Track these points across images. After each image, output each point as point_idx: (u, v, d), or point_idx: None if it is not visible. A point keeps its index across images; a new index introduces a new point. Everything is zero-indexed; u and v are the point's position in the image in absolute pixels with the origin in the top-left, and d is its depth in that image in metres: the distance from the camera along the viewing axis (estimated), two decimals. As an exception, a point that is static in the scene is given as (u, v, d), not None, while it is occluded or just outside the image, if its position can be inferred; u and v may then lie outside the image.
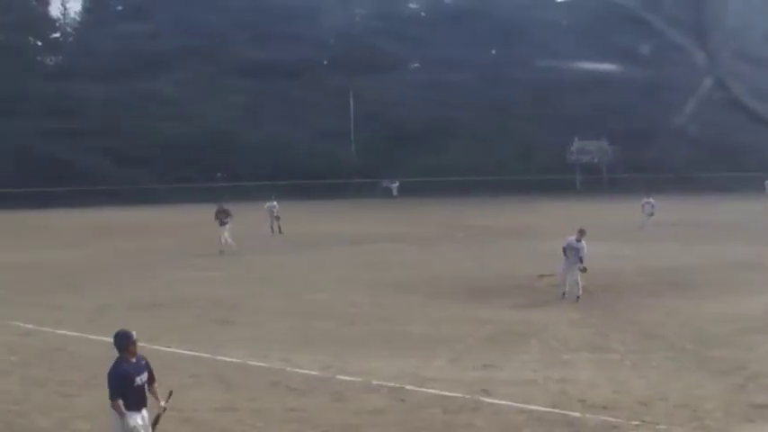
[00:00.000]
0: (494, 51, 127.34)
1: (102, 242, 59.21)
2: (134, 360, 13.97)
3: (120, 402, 13.55)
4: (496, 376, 20.38)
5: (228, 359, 22.62)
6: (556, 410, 15.34)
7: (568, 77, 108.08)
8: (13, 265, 45.43)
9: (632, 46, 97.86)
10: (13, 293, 35.71)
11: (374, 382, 19.93)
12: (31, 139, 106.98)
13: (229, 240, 50.76)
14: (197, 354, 23.26)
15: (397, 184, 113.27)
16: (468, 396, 18.60)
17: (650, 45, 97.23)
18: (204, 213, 58.07)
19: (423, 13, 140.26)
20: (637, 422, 16.89)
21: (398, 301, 31.95)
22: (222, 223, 51.68)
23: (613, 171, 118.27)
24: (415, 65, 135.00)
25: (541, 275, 35.15)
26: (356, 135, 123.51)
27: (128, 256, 49.86)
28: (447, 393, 18.89)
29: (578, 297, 31.57)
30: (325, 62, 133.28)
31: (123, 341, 14.04)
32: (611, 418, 17.10)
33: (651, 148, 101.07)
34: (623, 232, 57.02)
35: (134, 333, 14.15)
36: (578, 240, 32.31)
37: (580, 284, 31.87)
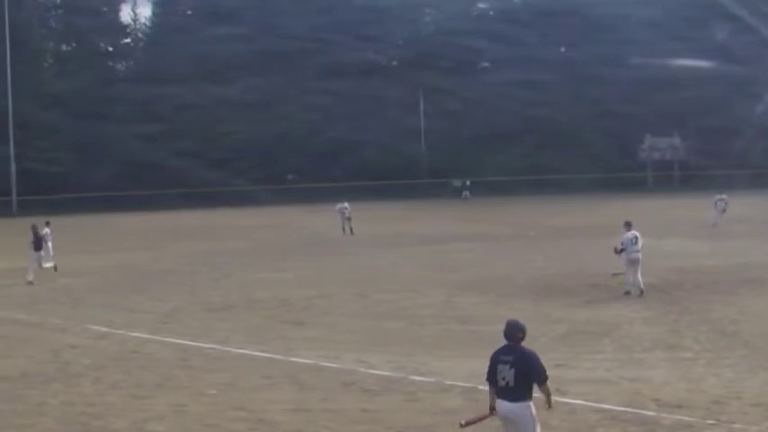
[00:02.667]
0: (575, 49, 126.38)
1: (176, 244, 59.76)
2: None
3: None
4: (570, 375, 20.19)
5: (301, 360, 22.62)
6: (630, 410, 15.16)
7: (655, 74, 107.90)
8: (88, 267, 45.93)
9: (725, 42, 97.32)
10: (88, 296, 36.08)
11: (447, 383, 19.84)
12: (115, 142, 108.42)
13: (45, 265, 43.30)
14: (270, 355, 23.30)
15: (468, 183, 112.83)
16: (541, 395, 18.46)
17: (742, 42, 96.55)
18: (276, 215, 58.28)
19: (491, 12, 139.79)
20: (711, 421, 16.65)
21: (470, 300, 31.82)
22: (38, 247, 42.98)
23: (686, 167, 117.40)
24: (485, 64, 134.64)
25: (614, 274, 34.82)
26: (427, 135, 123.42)
27: (201, 257, 50.16)
28: (519, 393, 18.75)
29: (642, 291, 31.45)
30: (395, 63, 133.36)
31: None
32: (685, 417, 16.87)
33: (731, 144, 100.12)
34: (696, 229, 56.49)
35: None
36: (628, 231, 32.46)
37: (641, 280, 31.68)
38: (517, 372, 13.17)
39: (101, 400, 19.37)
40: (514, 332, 13.46)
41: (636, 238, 32.32)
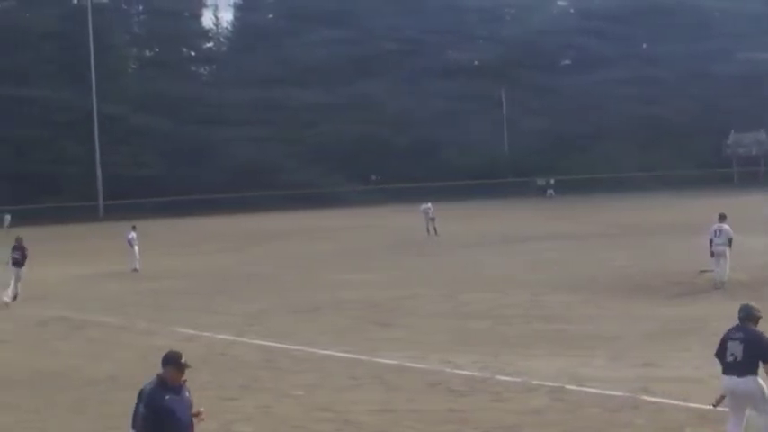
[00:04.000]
0: (658, 46, 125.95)
1: (261, 246, 60.16)
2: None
3: None
4: (657, 374, 20.08)
5: (387, 361, 22.69)
6: (718, 408, 15.04)
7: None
8: (174, 270, 46.45)
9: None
10: (174, 299, 36.46)
11: (534, 382, 19.81)
12: (200, 145, 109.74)
13: (16, 289, 36.72)
14: (355, 356, 23.40)
15: (552, 182, 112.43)
16: (628, 394, 18.37)
17: None
18: (360, 216, 58.35)
19: (571, 10, 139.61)
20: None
21: (556, 299, 31.71)
22: (15, 262, 36.71)
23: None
24: (567, 62, 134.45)
25: (702, 271, 34.54)
26: (509, 134, 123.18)
27: (287, 259, 50.50)
28: (607, 392, 18.68)
29: (723, 283, 31.23)
30: (476, 62, 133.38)
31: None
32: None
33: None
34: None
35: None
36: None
37: (725, 273, 31.47)
38: (746, 347, 14.06)
39: (189, 401, 19.60)
40: (750, 313, 14.52)
41: (718, 230, 32.16)
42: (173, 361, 11.65)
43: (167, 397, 11.37)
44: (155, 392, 11.41)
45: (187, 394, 11.74)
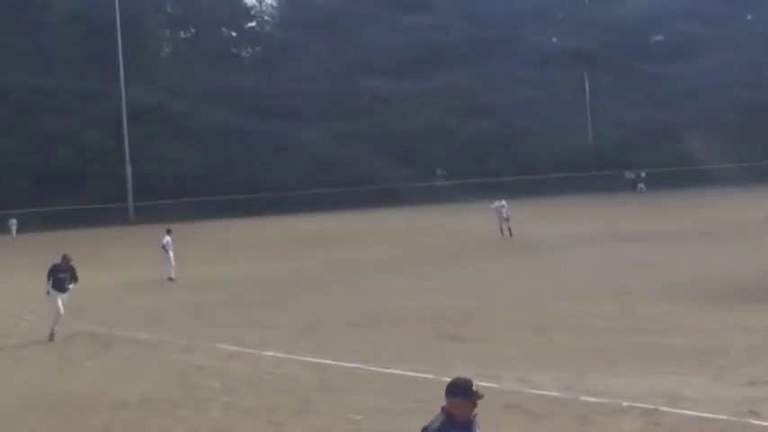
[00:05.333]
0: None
1: (313, 251, 60.30)
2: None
3: None
4: (764, 394, 19.93)
5: (457, 380, 22.62)
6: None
7: None
8: (215, 279, 46.67)
9: None
10: (215, 311, 36.60)
11: (624, 404, 19.71)
12: (242, 137, 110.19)
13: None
14: (421, 375, 23.37)
15: (643, 175, 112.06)
16: (733, 418, 18.22)
17: None
18: (423, 216, 58.31)
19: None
20: None
21: (649, 308, 31.53)
22: (59, 285, 33.18)
23: None
24: (658, 45, 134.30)
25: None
26: (593, 123, 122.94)
27: (342, 266, 50.62)
28: (708, 415, 18.54)
29: None
30: (559, 47, 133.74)
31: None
32: None
33: None
34: None
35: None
36: None
37: None
38: None
39: (232, 427, 19.68)
40: None
41: None
42: (461, 391, 10.73)
43: None
44: (444, 431, 10.54)
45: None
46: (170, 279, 47.06)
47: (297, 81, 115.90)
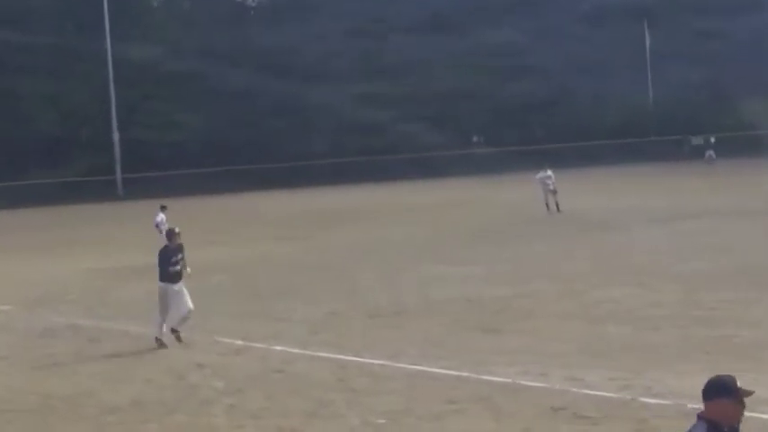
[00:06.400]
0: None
1: (331, 231, 60.34)
2: None
3: None
4: None
5: (496, 378, 22.68)
6: None
7: None
8: (218, 263, 46.60)
9: None
10: (218, 301, 36.46)
11: (689, 406, 19.59)
12: (244, 99, 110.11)
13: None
14: (455, 372, 23.41)
15: (713, 141, 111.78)
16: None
17: None
18: (459, 189, 58.27)
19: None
20: None
21: (718, 296, 31.46)
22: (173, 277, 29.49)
23: None
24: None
25: None
26: (655, 84, 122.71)
27: (364, 248, 50.69)
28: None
29: None
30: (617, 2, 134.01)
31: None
32: None
33: None
34: None
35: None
36: None
37: None
38: None
39: (237, 432, 19.77)
40: None
41: None
42: (726, 389, 10.06)
43: None
44: None
45: None
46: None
47: (313, 36, 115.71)
